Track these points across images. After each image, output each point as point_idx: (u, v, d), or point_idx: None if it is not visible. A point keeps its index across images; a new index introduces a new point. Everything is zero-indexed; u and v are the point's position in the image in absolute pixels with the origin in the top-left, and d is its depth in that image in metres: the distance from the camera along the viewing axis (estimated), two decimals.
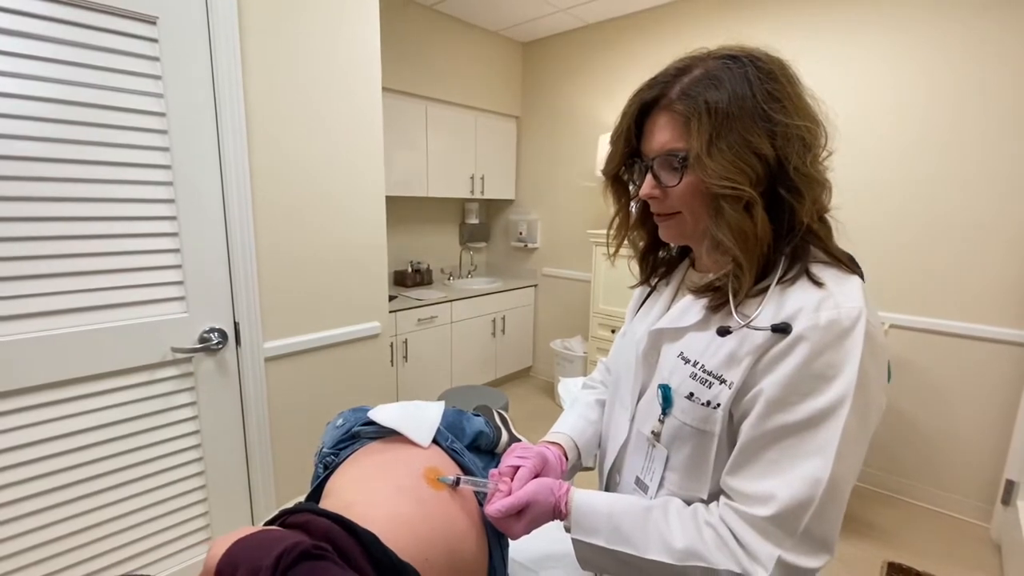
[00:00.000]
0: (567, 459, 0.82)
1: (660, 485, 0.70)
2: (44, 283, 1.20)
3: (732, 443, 0.61)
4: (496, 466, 1.29)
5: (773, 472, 0.56)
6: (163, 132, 1.32)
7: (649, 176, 0.66)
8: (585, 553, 0.66)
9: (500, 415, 1.39)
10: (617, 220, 0.81)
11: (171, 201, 1.36)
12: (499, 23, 3.37)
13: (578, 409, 0.94)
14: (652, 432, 0.70)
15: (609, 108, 3.32)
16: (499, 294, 3.55)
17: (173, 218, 1.37)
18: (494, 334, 3.57)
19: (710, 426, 0.63)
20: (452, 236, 3.92)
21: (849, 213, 0.68)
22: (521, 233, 3.89)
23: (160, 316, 1.38)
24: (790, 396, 0.56)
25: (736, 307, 0.62)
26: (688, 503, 0.65)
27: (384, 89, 1.84)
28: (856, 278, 0.60)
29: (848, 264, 0.62)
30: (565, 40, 3.50)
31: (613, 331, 3.07)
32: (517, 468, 0.72)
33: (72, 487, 1.29)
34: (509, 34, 3.57)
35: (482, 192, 3.63)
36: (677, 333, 0.70)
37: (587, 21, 3.29)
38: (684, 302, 0.71)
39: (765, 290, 0.61)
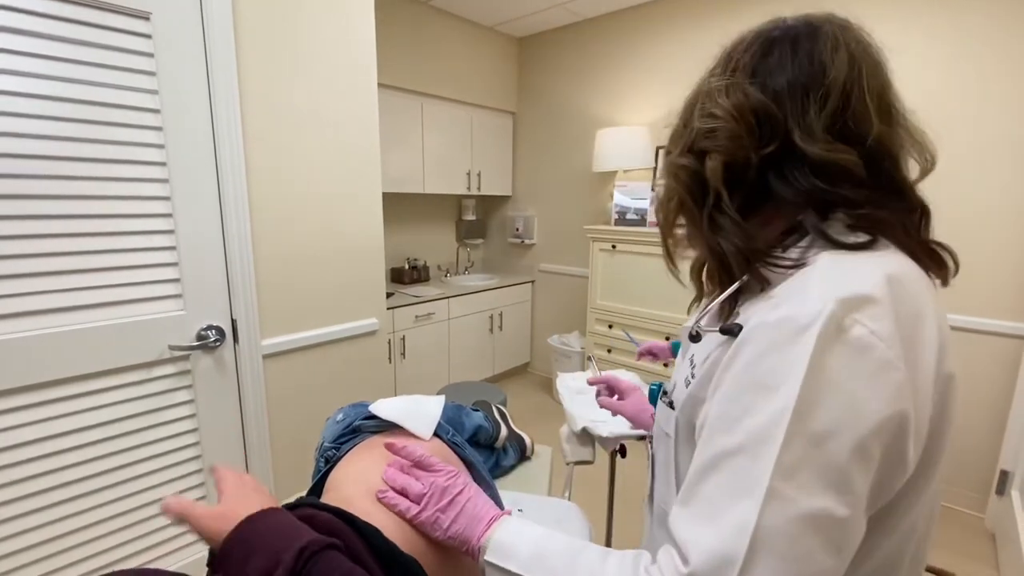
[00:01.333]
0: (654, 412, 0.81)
1: (651, 495, 0.67)
2: (40, 281, 1.19)
3: (691, 450, 0.51)
4: (496, 461, 1.31)
5: (705, 515, 0.44)
6: (158, 129, 1.31)
7: None
8: None
9: (499, 410, 1.40)
10: None
11: (167, 198, 1.35)
12: (494, 18, 3.36)
13: None
14: (648, 439, 0.68)
15: (605, 104, 3.31)
16: (496, 290, 3.55)
17: (169, 215, 1.36)
18: (491, 330, 3.57)
19: (669, 427, 0.59)
20: (449, 233, 3.91)
21: None
22: (518, 229, 3.89)
23: (157, 314, 1.37)
24: (730, 411, 0.45)
25: (733, 308, 0.55)
26: (664, 519, 0.59)
27: (380, 85, 1.83)
28: (878, 257, 0.47)
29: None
30: (561, 35, 3.49)
31: (611, 326, 3.08)
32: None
33: (70, 486, 1.28)
34: (504, 29, 3.56)
35: (478, 188, 3.63)
36: (696, 338, 0.60)
37: (583, 16, 3.28)
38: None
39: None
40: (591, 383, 1.03)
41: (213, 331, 1.46)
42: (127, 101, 1.26)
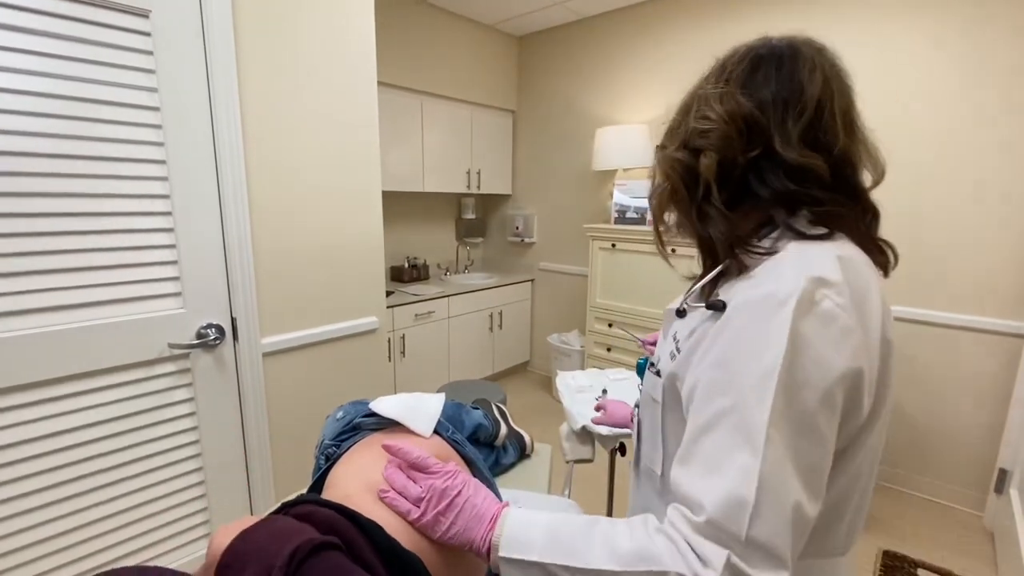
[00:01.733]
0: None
1: (638, 456, 0.75)
2: (39, 279, 1.19)
3: (677, 415, 0.61)
4: (495, 459, 1.31)
5: (709, 469, 0.51)
6: (157, 127, 1.31)
7: None
8: None
9: (499, 408, 1.40)
10: None
11: (166, 196, 1.35)
12: (494, 17, 3.35)
13: None
14: (636, 404, 0.76)
15: (605, 102, 3.31)
16: (496, 289, 3.55)
17: (168, 213, 1.36)
18: (491, 329, 3.57)
19: (656, 393, 0.66)
20: (448, 231, 3.91)
21: None
22: (518, 228, 3.89)
23: (157, 312, 1.37)
24: (721, 376, 0.52)
25: (711, 289, 0.63)
26: (650, 475, 0.69)
27: (379, 83, 1.83)
28: (833, 245, 0.55)
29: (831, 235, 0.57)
30: (560, 34, 3.49)
31: (610, 325, 3.08)
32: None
33: (70, 484, 1.28)
34: (504, 28, 3.56)
35: (478, 187, 3.63)
36: (683, 313, 0.69)
37: (582, 14, 3.28)
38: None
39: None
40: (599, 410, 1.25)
41: (213, 329, 1.46)
42: (126, 99, 1.26)
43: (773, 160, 0.56)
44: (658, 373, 0.66)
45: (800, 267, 0.51)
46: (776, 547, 0.47)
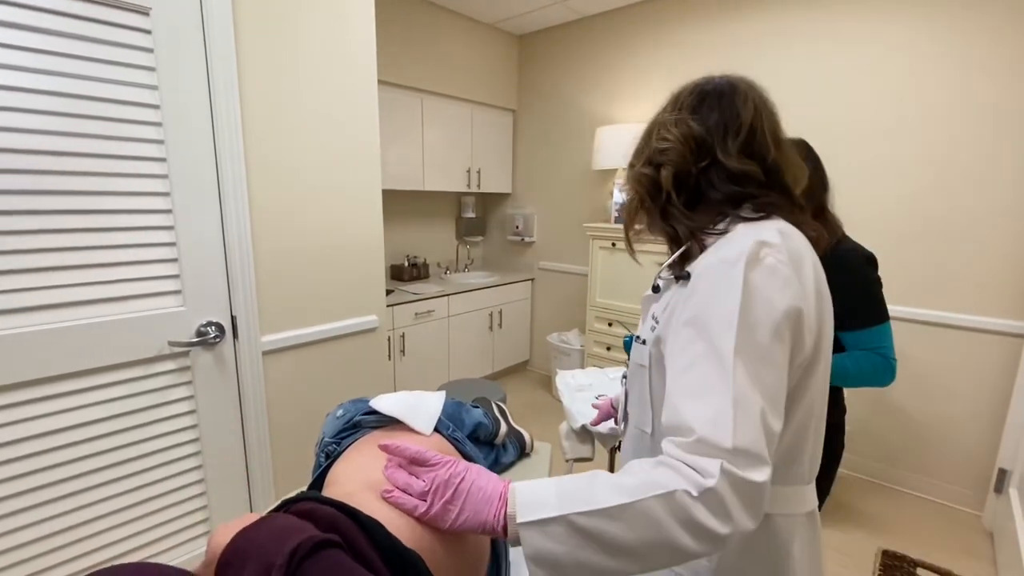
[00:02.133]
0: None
1: (626, 419, 0.88)
2: (39, 277, 1.19)
3: (662, 376, 0.69)
4: (495, 458, 1.31)
5: (692, 398, 0.60)
6: (158, 124, 1.31)
7: None
8: (537, 542, 0.58)
9: (499, 407, 1.40)
10: None
11: (167, 194, 1.35)
12: (495, 15, 3.35)
13: None
14: (623, 375, 0.87)
15: (605, 101, 3.31)
16: (496, 288, 3.55)
17: (168, 211, 1.36)
18: (491, 328, 3.57)
19: (643, 359, 0.77)
20: (448, 230, 3.91)
21: (844, 205, 0.69)
22: (518, 227, 3.89)
23: (157, 310, 1.37)
24: (693, 328, 0.63)
25: (679, 269, 0.76)
26: (641, 437, 0.80)
27: (380, 82, 1.83)
28: (772, 223, 0.68)
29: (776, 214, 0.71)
30: (561, 33, 3.49)
31: (610, 324, 3.08)
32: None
33: (70, 481, 1.28)
34: (505, 27, 3.56)
35: (478, 186, 3.63)
36: (656, 297, 0.82)
37: (583, 13, 3.27)
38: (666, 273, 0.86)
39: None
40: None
41: (213, 327, 1.46)
42: (126, 97, 1.26)
43: (719, 169, 0.72)
44: (643, 342, 0.78)
45: (747, 235, 0.65)
46: (758, 450, 0.56)
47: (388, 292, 2.98)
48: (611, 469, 1.62)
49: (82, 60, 1.19)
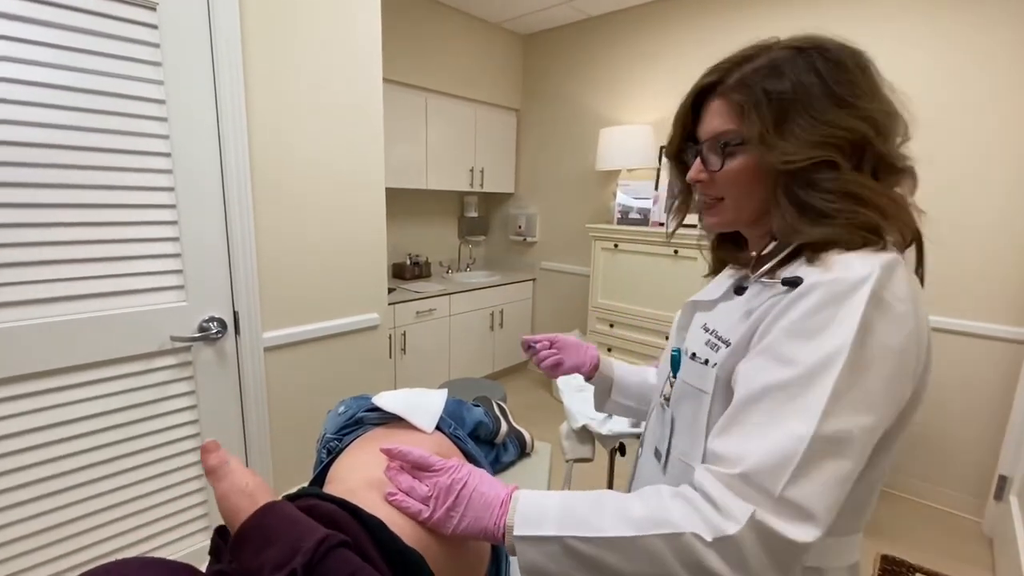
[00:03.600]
0: (598, 360, 0.98)
1: (668, 451, 0.72)
2: (43, 270, 1.19)
3: (725, 405, 0.59)
4: (496, 457, 1.31)
5: (755, 434, 0.53)
6: (163, 119, 1.31)
7: (697, 160, 0.67)
8: (531, 556, 0.57)
9: (499, 406, 1.40)
10: (677, 201, 0.79)
11: (171, 189, 1.35)
12: (500, 15, 3.35)
13: (642, 367, 1.03)
14: (663, 396, 0.73)
15: (609, 102, 3.31)
16: (497, 288, 3.55)
17: (172, 206, 1.36)
18: (492, 327, 3.57)
19: (705, 384, 0.64)
20: (451, 229, 3.91)
21: None
22: (520, 227, 3.89)
23: (159, 304, 1.37)
24: (780, 351, 0.54)
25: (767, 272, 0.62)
26: (684, 470, 0.67)
27: (384, 80, 1.83)
28: (893, 254, 0.56)
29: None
30: (566, 33, 3.48)
31: (612, 325, 3.08)
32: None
33: (70, 475, 1.28)
34: (510, 26, 3.55)
35: (481, 185, 3.62)
36: (709, 305, 0.71)
37: (589, 14, 3.27)
38: (722, 276, 0.75)
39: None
40: (527, 342, 1.01)
41: (215, 323, 1.47)
42: (132, 91, 1.26)
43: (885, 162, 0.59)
44: (705, 361, 0.65)
45: (870, 258, 0.54)
46: (813, 508, 0.49)
47: (390, 290, 2.98)
48: (611, 470, 1.61)
49: (88, 54, 1.19)
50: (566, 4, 3.11)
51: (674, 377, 0.71)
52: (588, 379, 1.00)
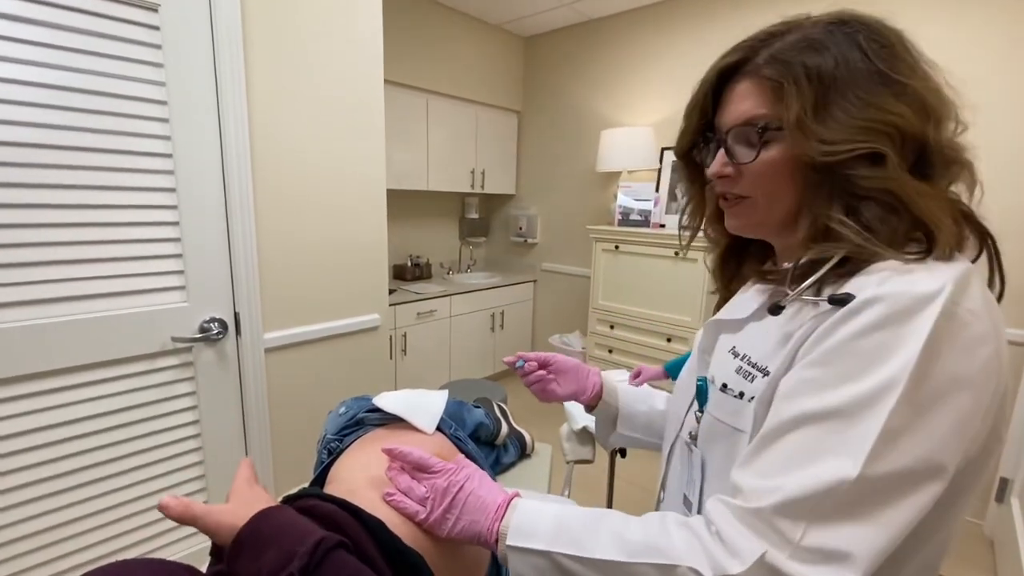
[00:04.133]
0: (601, 386, 0.87)
1: (701, 499, 0.62)
2: (44, 271, 1.20)
3: None
4: (496, 458, 1.31)
5: (786, 467, 0.45)
6: (164, 120, 1.32)
7: (721, 151, 0.57)
8: (520, 568, 0.55)
9: (500, 407, 1.40)
10: (690, 207, 0.69)
11: (172, 190, 1.35)
12: (501, 17, 3.36)
13: (648, 390, 0.91)
14: (690, 434, 0.64)
15: (611, 104, 3.31)
16: (498, 289, 3.55)
17: (174, 207, 1.36)
18: (493, 329, 3.57)
19: (740, 421, 0.55)
20: (452, 230, 3.91)
21: None
22: (521, 228, 3.89)
23: (160, 305, 1.37)
24: (827, 377, 0.45)
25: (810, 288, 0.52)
26: None
27: (386, 81, 1.83)
28: (965, 264, 0.48)
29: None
30: (567, 35, 3.49)
31: (612, 327, 3.08)
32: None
33: (71, 475, 1.28)
34: (511, 28, 3.56)
35: (482, 187, 3.63)
36: (736, 325, 0.62)
37: (589, 16, 3.28)
38: (750, 292, 0.64)
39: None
40: (513, 361, 0.90)
41: (216, 324, 1.47)
42: (134, 92, 1.26)
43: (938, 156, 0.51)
44: (740, 395, 0.55)
45: (940, 269, 0.45)
46: (849, 550, 0.42)
47: (391, 291, 2.98)
48: (611, 472, 1.61)
49: (91, 55, 1.20)
50: (567, 6, 3.11)
51: (700, 411, 0.62)
52: (589, 408, 0.89)
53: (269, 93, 1.51)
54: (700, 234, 0.71)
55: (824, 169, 0.50)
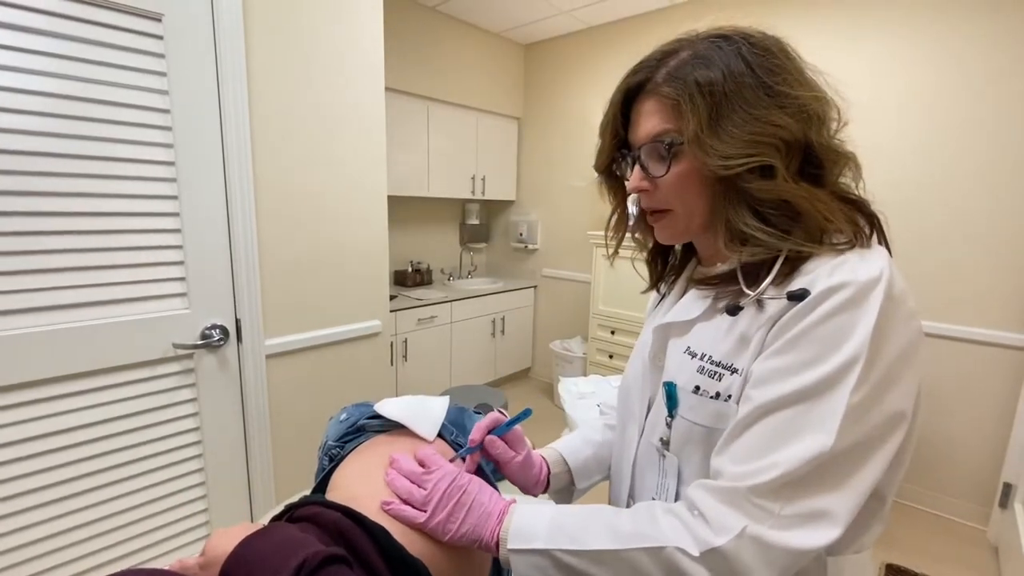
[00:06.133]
0: (548, 469, 0.79)
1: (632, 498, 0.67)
2: (46, 278, 1.20)
3: None
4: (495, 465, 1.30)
5: (766, 448, 0.49)
6: (167, 129, 1.32)
7: (637, 167, 0.61)
8: (523, 568, 0.58)
9: (501, 414, 1.40)
10: (614, 218, 0.76)
11: (174, 197, 1.36)
12: (501, 24, 3.38)
13: (582, 430, 0.88)
14: (660, 440, 0.64)
15: None
16: (499, 295, 3.55)
17: (176, 214, 1.37)
18: (494, 335, 3.57)
19: (722, 421, 0.57)
20: (452, 236, 3.92)
21: None
22: (521, 234, 3.90)
23: (162, 312, 1.38)
24: (794, 363, 0.50)
25: (751, 286, 0.57)
26: None
27: (387, 89, 1.85)
28: (882, 249, 0.55)
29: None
30: (567, 42, 3.51)
31: (613, 332, 3.08)
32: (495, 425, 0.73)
33: (72, 482, 1.28)
34: (511, 36, 3.58)
35: (483, 193, 3.64)
36: (684, 327, 0.65)
37: (589, 24, 3.30)
38: (690, 295, 0.66)
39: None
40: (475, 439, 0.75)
41: (217, 330, 1.47)
42: (137, 101, 1.27)
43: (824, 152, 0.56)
44: (716, 396, 0.57)
45: (871, 256, 0.52)
46: (831, 508, 0.47)
47: (391, 297, 2.98)
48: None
49: (94, 64, 1.20)
50: (567, 14, 3.13)
51: (670, 416, 0.63)
52: (546, 492, 0.82)
53: (271, 101, 1.52)
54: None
55: (726, 180, 0.55)
